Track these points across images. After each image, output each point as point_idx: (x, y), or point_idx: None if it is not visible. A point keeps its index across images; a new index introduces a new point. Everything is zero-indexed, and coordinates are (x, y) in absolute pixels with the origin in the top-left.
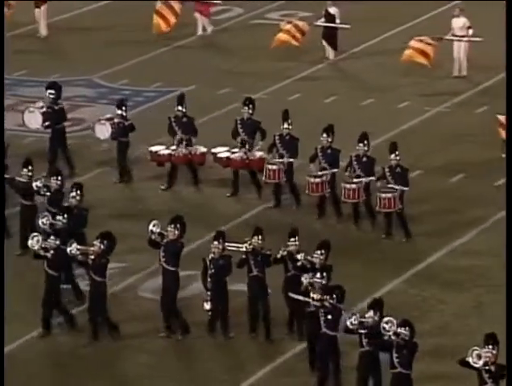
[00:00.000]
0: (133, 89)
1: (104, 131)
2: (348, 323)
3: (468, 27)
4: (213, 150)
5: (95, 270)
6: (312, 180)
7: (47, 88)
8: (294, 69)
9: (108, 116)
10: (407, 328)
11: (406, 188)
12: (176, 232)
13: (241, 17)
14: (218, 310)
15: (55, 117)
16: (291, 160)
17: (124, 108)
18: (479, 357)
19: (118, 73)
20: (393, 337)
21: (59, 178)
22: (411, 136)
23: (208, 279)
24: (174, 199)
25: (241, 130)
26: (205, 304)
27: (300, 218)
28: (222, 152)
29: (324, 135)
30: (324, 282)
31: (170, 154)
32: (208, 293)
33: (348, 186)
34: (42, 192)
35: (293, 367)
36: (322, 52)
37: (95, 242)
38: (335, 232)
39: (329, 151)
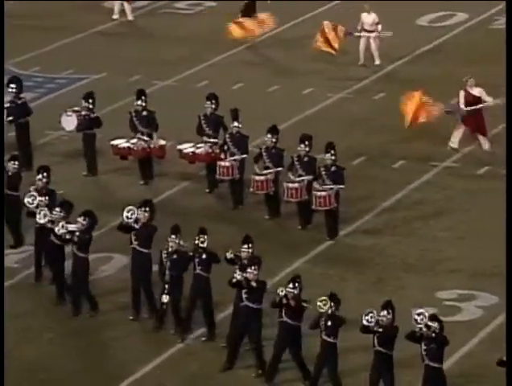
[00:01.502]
0: (45, 76)
1: (70, 123)
2: (364, 321)
3: (377, 23)
4: (179, 146)
5: (79, 246)
6: (257, 178)
7: (9, 82)
8: (202, 56)
9: (75, 108)
10: (437, 322)
11: (342, 186)
12: (146, 215)
13: (150, 6)
14: (174, 305)
15: (18, 111)
16: (244, 156)
17: (91, 100)
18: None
19: (30, 60)
20: (424, 329)
21: (16, 162)
22: (315, 121)
23: (167, 272)
24: (140, 191)
25: (205, 126)
26: (163, 297)
27: (250, 215)
28: (187, 147)
29: (269, 135)
30: (296, 292)
31: (129, 148)
32: (166, 286)
33: (290, 185)
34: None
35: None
36: (230, 40)
37: (78, 219)
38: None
39: (274, 151)
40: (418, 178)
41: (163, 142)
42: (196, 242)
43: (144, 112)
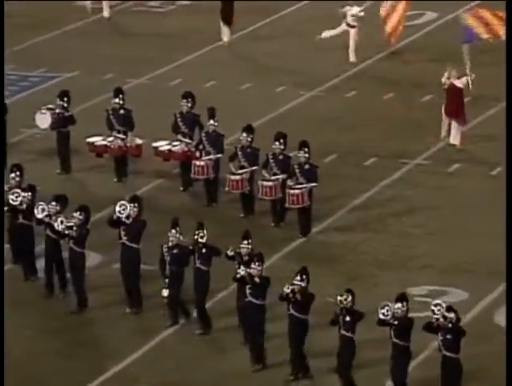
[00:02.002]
0: (18, 74)
1: (44, 121)
2: (380, 315)
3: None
4: (154, 144)
5: (76, 241)
6: (232, 177)
7: None
8: (175, 55)
9: (49, 106)
10: (453, 313)
11: (314, 184)
12: (135, 210)
13: (122, 4)
14: (173, 299)
15: None
16: (219, 156)
17: (66, 98)
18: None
19: (4, 58)
20: (441, 320)
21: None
22: (287, 120)
23: (167, 266)
24: (114, 189)
25: (181, 124)
26: (163, 291)
27: (225, 213)
28: (163, 145)
29: (244, 134)
30: (303, 285)
31: (106, 146)
32: (166, 280)
33: (265, 183)
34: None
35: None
36: (203, 39)
37: (74, 214)
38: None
39: (249, 150)
40: (389, 176)
41: (139, 141)
42: (196, 237)
43: (121, 111)
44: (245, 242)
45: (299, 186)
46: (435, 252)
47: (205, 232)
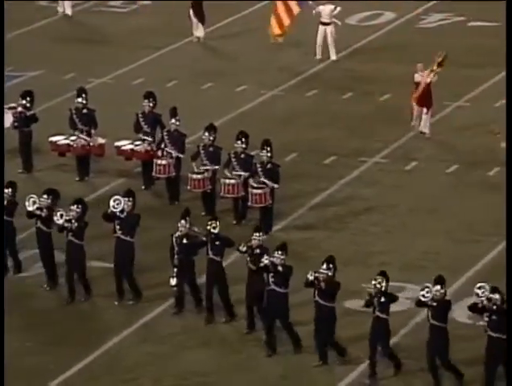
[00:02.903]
0: None
1: (5, 120)
2: (420, 296)
3: (334, 16)
4: (116, 143)
5: (75, 234)
6: (194, 176)
7: None
8: (137, 54)
9: (11, 105)
10: (498, 294)
11: (276, 185)
12: (130, 204)
13: (85, 4)
14: (183, 287)
15: None
16: (180, 156)
17: (28, 98)
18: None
19: None
20: (485, 302)
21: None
22: (249, 118)
23: (175, 256)
24: (76, 188)
25: (143, 123)
26: (171, 280)
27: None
28: (126, 145)
29: (206, 134)
30: (329, 273)
31: (68, 145)
32: (175, 269)
33: (227, 181)
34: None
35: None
36: (165, 38)
37: (72, 207)
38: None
39: (211, 149)
40: (349, 174)
41: (102, 141)
42: (208, 227)
43: (84, 110)
44: (257, 234)
45: (262, 185)
46: (392, 249)
47: (218, 223)
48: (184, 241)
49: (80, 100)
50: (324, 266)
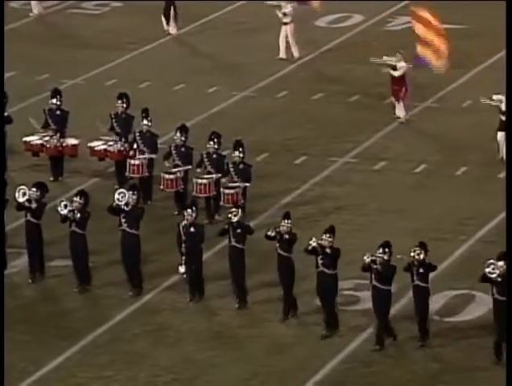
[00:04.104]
0: None
1: None
2: (486, 272)
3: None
4: (90, 144)
5: (78, 224)
6: (167, 176)
7: None
8: (109, 56)
9: None
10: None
11: (247, 184)
12: (134, 198)
13: (58, 6)
14: (192, 273)
15: None
16: (153, 156)
17: (4, 100)
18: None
19: None
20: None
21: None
22: (221, 119)
23: (183, 245)
24: (50, 187)
25: (115, 124)
26: (180, 267)
27: (159, 210)
28: (99, 145)
29: (178, 134)
30: (386, 257)
31: (42, 145)
32: (183, 257)
33: (199, 181)
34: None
35: None
36: (137, 40)
37: (75, 199)
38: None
39: (183, 149)
40: (319, 174)
41: (75, 141)
42: (230, 216)
43: (58, 112)
44: (286, 221)
45: (234, 184)
46: (361, 247)
47: (240, 211)
48: (192, 230)
49: (54, 101)
50: (381, 250)
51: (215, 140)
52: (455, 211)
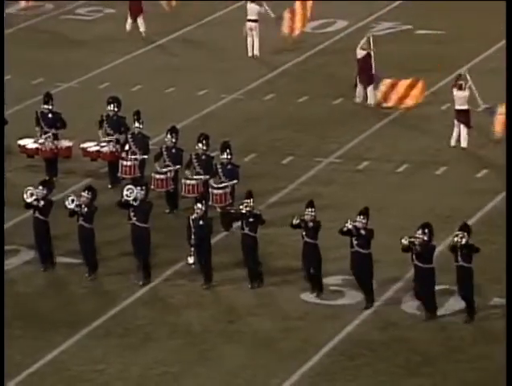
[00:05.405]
0: None
1: None
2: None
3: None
4: (82, 145)
5: (85, 218)
6: (157, 176)
7: None
8: (102, 60)
9: None
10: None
11: (235, 181)
12: (142, 193)
13: (53, 12)
14: (201, 264)
15: None
16: (144, 157)
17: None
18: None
19: None
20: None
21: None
22: (210, 121)
23: (192, 236)
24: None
25: (106, 126)
26: (189, 258)
27: (153, 210)
28: (92, 146)
29: (169, 136)
30: (425, 238)
31: (37, 148)
32: (192, 249)
33: (188, 182)
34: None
35: None
36: (129, 44)
37: (83, 193)
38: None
39: (173, 150)
40: (305, 173)
41: (69, 144)
42: (242, 206)
43: (49, 115)
44: (310, 209)
45: (222, 185)
46: (346, 243)
47: (252, 201)
48: (201, 223)
49: (46, 106)
50: (420, 231)
51: (203, 141)
52: (435, 209)
